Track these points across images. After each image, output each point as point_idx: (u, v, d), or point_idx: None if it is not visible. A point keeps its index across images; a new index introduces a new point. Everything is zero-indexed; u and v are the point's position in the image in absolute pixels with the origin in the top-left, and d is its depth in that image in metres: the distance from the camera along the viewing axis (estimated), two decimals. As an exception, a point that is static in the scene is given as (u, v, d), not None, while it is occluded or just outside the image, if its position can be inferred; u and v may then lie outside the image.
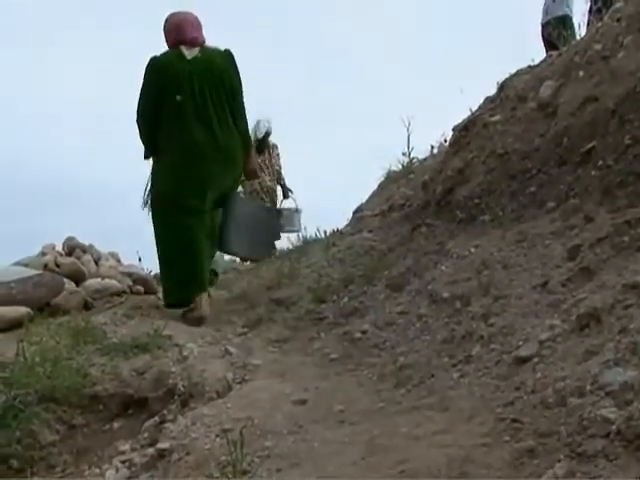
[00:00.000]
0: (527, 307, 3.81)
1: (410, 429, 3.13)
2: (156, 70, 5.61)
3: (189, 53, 5.61)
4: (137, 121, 5.74)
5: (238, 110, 5.75)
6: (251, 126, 7.66)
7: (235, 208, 5.99)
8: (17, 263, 6.91)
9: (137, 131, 5.77)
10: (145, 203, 5.98)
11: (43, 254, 7.07)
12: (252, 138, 7.06)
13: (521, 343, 3.45)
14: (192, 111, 5.51)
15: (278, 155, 10.54)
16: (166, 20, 5.81)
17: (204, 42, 5.74)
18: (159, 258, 5.95)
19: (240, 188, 7.35)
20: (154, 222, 5.81)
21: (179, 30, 5.64)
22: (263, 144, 10.10)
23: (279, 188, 10.94)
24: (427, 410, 3.33)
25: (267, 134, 10.16)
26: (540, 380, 3.00)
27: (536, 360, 3.21)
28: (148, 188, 5.95)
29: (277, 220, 7.22)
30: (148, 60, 5.64)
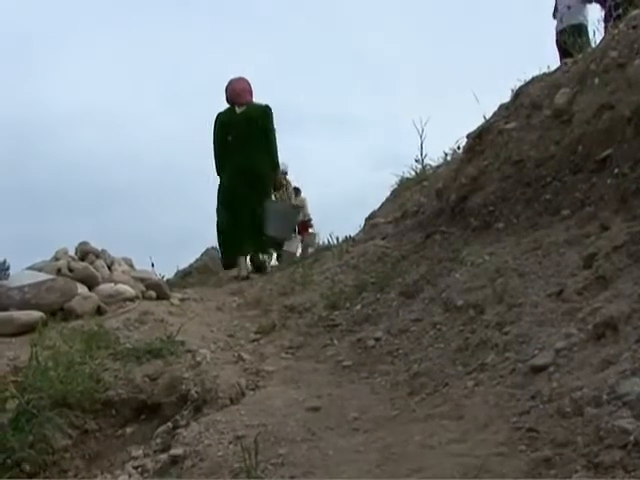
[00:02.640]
0: (542, 315, 3.78)
1: (424, 437, 3.12)
2: (218, 122, 8.73)
3: (239, 109, 8.64)
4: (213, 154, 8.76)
5: (269, 145, 8.54)
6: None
7: (270, 208, 8.72)
8: (30, 267, 6.92)
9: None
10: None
11: (56, 259, 7.07)
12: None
13: (536, 352, 3.43)
14: (237, 146, 8.43)
15: (286, 189, 12.99)
16: (229, 83, 8.76)
17: (251, 101, 8.71)
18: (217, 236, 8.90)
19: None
20: (216, 215, 8.77)
21: (234, 95, 8.67)
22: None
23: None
24: (441, 418, 3.31)
25: (282, 174, 12.01)
26: (556, 389, 2.98)
27: (552, 369, 3.19)
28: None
29: (296, 214, 10.18)
30: (216, 115, 8.76)
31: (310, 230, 14.49)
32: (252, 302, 6.80)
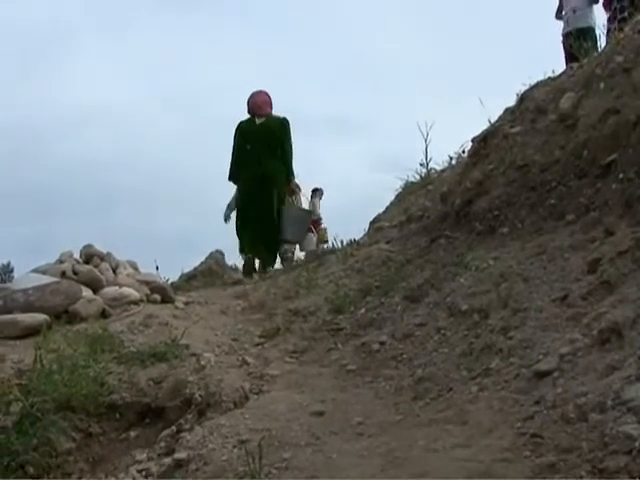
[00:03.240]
0: (547, 320, 3.78)
1: (428, 442, 3.11)
2: (238, 130, 9.25)
3: (258, 120, 9.15)
4: (230, 160, 9.30)
5: (284, 154, 9.09)
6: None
7: (286, 214, 9.23)
8: (35, 270, 6.92)
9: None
10: (226, 216, 9.57)
11: (61, 261, 7.07)
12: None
13: (541, 357, 3.43)
14: (255, 155, 8.98)
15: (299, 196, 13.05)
16: (251, 96, 9.29)
17: (270, 113, 9.23)
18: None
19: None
20: (236, 216, 9.38)
21: (255, 107, 9.22)
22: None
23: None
24: (445, 423, 3.31)
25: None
26: (560, 395, 2.98)
27: (556, 374, 3.19)
28: (228, 203, 9.57)
29: (309, 218, 10.66)
30: (237, 124, 9.27)
31: (322, 225, 14.69)
32: (256, 306, 6.80)
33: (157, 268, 8.17)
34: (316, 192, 14.80)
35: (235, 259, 11.09)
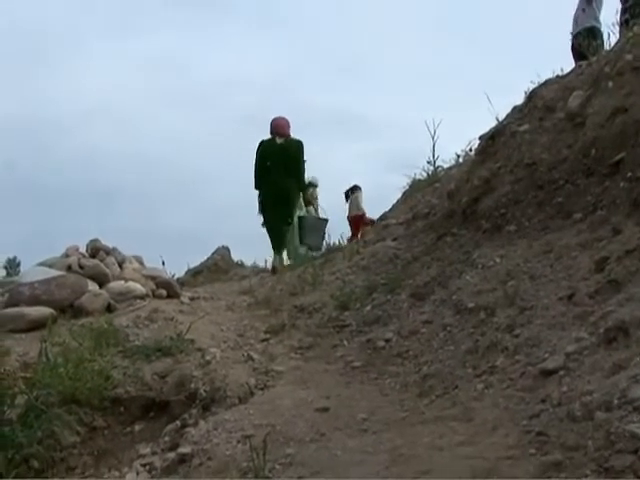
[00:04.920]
0: (553, 319, 3.77)
1: (433, 439, 3.10)
2: (261, 148, 10.27)
3: (279, 140, 10.24)
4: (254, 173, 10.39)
5: (298, 171, 10.26)
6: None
7: (305, 223, 10.51)
8: (41, 264, 6.93)
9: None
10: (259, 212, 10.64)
11: (67, 255, 7.08)
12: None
13: (547, 355, 3.41)
14: (274, 171, 10.01)
15: (315, 198, 14.26)
16: (274, 119, 10.42)
17: (289, 135, 10.36)
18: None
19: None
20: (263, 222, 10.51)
21: (277, 128, 10.31)
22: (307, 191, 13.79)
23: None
24: (450, 421, 3.30)
25: (310, 184, 13.62)
26: (566, 393, 2.96)
27: (562, 373, 3.17)
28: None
29: (325, 225, 11.33)
30: (259, 142, 10.33)
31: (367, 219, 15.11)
32: (262, 302, 6.80)
33: (163, 263, 8.16)
34: (355, 189, 15.60)
35: (240, 255, 12.89)
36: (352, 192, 15.81)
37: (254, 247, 19.00)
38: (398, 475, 2.82)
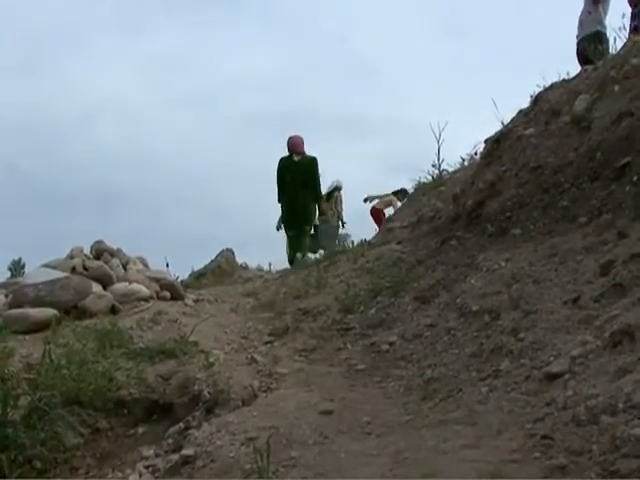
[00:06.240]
0: (558, 322, 3.76)
1: (437, 443, 3.09)
2: (280, 165, 11.46)
3: (296, 157, 11.38)
4: (276, 187, 11.62)
5: (313, 184, 11.35)
6: (328, 184, 14.09)
7: (321, 230, 12.53)
8: (45, 265, 6.93)
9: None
10: (277, 227, 12.40)
11: (71, 257, 7.07)
12: (324, 192, 12.87)
13: (552, 359, 3.40)
14: (292, 185, 11.23)
15: (341, 201, 15.20)
16: (290, 138, 11.56)
17: (304, 152, 11.47)
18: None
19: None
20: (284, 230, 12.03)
21: (294, 146, 11.45)
22: (331, 195, 14.92)
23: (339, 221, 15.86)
24: (455, 424, 3.29)
25: (336, 188, 15.06)
26: (571, 397, 2.95)
27: (567, 376, 3.16)
28: (279, 218, 12.17)
29: (337, 231, 13.67)
30: (279, 159, 11.56)
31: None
32: (266, 304, 6.80)
33: (167, 265, 8.18)
34: (398, 193, 15.49)
35: (245, 257, 12.91)
36: (399, 197, 15.79)
37: (259, 250, 19.31)
38: (402, 478, 2.81)
